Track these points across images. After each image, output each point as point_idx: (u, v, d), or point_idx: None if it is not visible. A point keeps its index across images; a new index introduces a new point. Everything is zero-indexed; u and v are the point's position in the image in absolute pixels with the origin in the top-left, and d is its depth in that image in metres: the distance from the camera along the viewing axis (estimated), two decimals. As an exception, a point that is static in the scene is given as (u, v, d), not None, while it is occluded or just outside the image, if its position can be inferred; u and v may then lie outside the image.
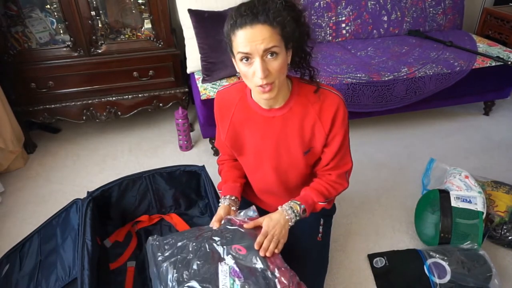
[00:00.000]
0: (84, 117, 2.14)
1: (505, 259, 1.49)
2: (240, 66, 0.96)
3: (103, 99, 2.11)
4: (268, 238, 1.00)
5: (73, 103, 2.09)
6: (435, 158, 1.87)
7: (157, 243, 0.99)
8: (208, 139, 2.13)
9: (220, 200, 1.18)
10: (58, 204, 1.65)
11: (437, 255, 1.37)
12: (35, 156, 2.16)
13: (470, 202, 1.47)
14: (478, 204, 1.45)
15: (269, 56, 0.92)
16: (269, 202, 1.31)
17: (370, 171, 1.97)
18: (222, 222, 1.08)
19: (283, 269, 0.96)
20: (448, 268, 1.32)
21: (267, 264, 0.94)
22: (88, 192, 1.37)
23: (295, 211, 1.08)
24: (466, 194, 1.50)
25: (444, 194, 1.52)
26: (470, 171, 1.64)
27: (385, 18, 2.47)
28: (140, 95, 2.15)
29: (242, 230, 1.03)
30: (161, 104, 2.21)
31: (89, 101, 2.10)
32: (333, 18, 2.40)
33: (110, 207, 1.45)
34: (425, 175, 1.84)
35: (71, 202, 1.37)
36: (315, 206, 1.14)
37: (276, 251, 1.00)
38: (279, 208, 1.10)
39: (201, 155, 2.14)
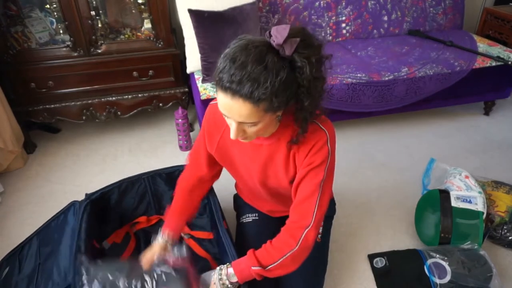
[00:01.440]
0: (84, 117, 2.14)
1: (505, 259, 1.49)
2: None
3: (103, 99, 2.11)
4: None
5: (73, 103, 2.09)
6: (435, 158, 1.87)
7: (89, 276, 0.99)
8: (208, 139, 2.13)
9: (158, 234, 1.13)
10: (58, 204, 1.65)
11: (437, 255, 1.37)
12: (35, 156, 2.16)
13: (470, 202, 1.47)
14: (479, 204, 1.45)
15: (247, 125, 0.86)
16: (261, 205, 1.32)
17: (370, 171, 1.97)
18: (155, 260, 1.07)
19: None
20: (448, 268, 1.32)
21: None
22: (86, 194, 1.36)
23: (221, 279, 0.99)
24: (466, 194, 1.50)
25: (445, 194, 1.52)
26: (470, 171, 1.64)
27: (385, 18, 2.47)
28: (140, 95, 2.15)
29: (175, 275, 1.03)
30: (161, 104, 2.21)
31: (89, 101, 2.10)
32: (333, 18, 2.39)
33: (109, 209, 1.45)
34: (425, 175, 1.84)
35: (69, 204, 1.36)
36: (249, 272, 0.98)
37: None
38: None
39: (201, 155, 2.13)
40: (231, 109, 0.82)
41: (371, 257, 1.48)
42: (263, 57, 0.78)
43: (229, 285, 0.99)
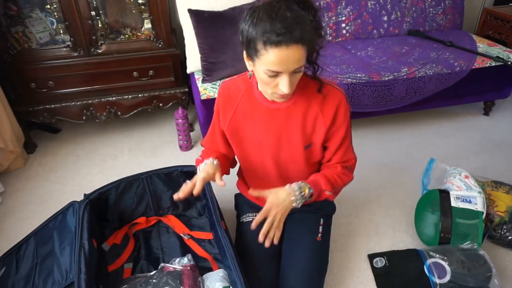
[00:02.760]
0: (84, 117, 2.14)
1: (505, 259, 1.49)
2: (261, 75, 0.94)
3: (103, 99, 2.11)
4: (269, 222, 0.99)
5: (73, 103, 2.09)
6: (435, 158, 1.87)
7: None
8: (208, 139, 2.13)
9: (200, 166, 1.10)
10: (58, 204, 1.65)
11: (437, 255, 1.37)
12: (35, 156, 2.16)
13: (470, 202, 1.47)
14: (478, 204, 1.45)
15: (295, 72, 0.92)
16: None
17: (370, 171, 1.97)
18: (156, 272, 1.14)
19: None
20: (448, 268, 1.32)
21: None
22: (85, 194, 1.36)
23: (302, 193, 1.04)
24: (466, 194, 1.50)
25: (444, 194, 1.52)
26: (470, 171, 1.64)
27: (385, 18, 2.47)
28: (140, 95, 2.15)
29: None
30: (161, 104, 2.21)
31: (89, 101, 2.10)
32: (333, 18, 2.40)
33: (108, 210, 1.45)
34: (425, 175, 1.84)
35: (67, 204, 1.36)
36: (321, 194, 1.11)
37: (275, 240, 1.00)
38: (287, 186, 1.05)
39: (201, 155, 2.13)
40: (288, 59, 0.87)
41: (371, 257, 1.48)
42: (289, 5, 0.88)
43: (302, 200, 1.06)
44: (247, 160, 1.23)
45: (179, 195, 1.07)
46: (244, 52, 0.97)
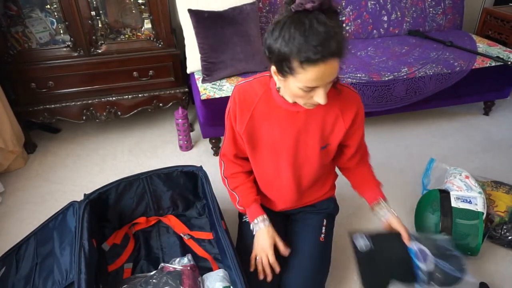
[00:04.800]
0: (84, 117, 2.14)
1: (505, 259, 1.49)
2: (295, 90, 0.93)
3: (103, 99, 2.11)
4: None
5: (73, 103, 2.09)
6: (435, 158, 1.87)
7: None
8: (208, 139, 2.13)
9: (256, 222, 1.20)
10: (58, 204, 1.65)
11: (417, 241, 1.26)
12: (35, 156, 2.16)
13: (470, 202, 1.47)
14: (479, 205, 1.45)
15: (330, 83, 0.93)
16: (275, 200, 1.30)
17: (370, 171, 1.97)
18: (156, 272, 1.16)
19: None
20: (429, 253, 1.26)
21: None
22: (85, 194, 1.36)
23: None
24: (466, 194, 1.50)
25: (445, 194, 1.52)
26: (470, 171, 1.64)
27: (385, 18, 2.47)
28: (140, 95, 2.15)
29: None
30: (161, 104, 2.21)
31: (89, 101, 2.10)
32: (333, 18, 2.39)
33: (108, 210, 1.45)
34: (425, 175, 1.84)
35: (67, 204, 1.36)
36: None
37: None
38: (388, 213, 1.20)
39: (201, 155, 2.14)
40: (325, 74, 0.87)
41: (353, 235, 1.26)
42: (318, 17, 0.83)
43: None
44: (260, 163, 1.22)
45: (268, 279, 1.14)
46: (274, 67, 0.94)
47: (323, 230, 1.29)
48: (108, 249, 1.41)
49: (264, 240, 1.15)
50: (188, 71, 2.13)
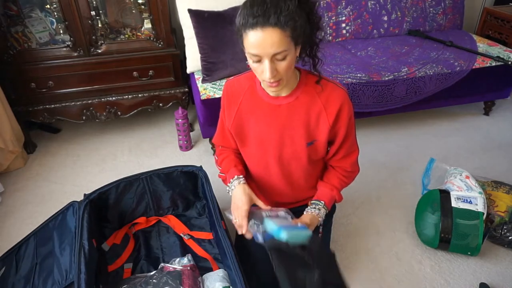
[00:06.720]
0: (84, 117, 2.14)
1: (505, 259, 1.49)
2: (249, 61, 0.97)
3: (103, 99, 2.11)
4: None
5: (73, 103, 2.09)
6: (435, 158, 1.87)
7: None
8: (208, 139, 2.13)
9: (231, 183, 1.16)
10: (58, 204, 1.65)
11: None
12: (35, 156, 2.16)
13: (470, 202, 1.46)
14: (479, 205, 1.45)
15: (278, 57, 0.93)
16: (270, 197, 1.30)
17: (370, 171, 1.97)
18: (156, 272, 1.16)
19: None
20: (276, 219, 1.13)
21: None
22: (85, 194, 1.36)
23: (322, 213, 1.17)
24: (466, 194, 1.50)
25: (445, 194, 1.52)
26: (471, 171, 1.64)
27: (385, 18, 2.47)
28: (140, 95, 2.15)
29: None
30: (161, 104, 2.21)
31: (89, 101, 2.10)
32: (333, 18, 2.39)
33: (108, 209, 1.45)
34: (425, 175, 1.84)
35: (67, 204, 1.36)
36: (335, 199, 1.22)
37: None
38: (311, 212, 1.16)
39: (201, 155, 2.13)
40: (264, 41, 0.89)
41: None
42: None
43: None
44: (250, 158, 1.23)
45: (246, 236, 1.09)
46: (242, 47, 0.98)
47: (320, 230, 1.28)
48: (108, 249, 1.41)
49: (238, 198, 1.12)
50: (188, 71, 2.13)
